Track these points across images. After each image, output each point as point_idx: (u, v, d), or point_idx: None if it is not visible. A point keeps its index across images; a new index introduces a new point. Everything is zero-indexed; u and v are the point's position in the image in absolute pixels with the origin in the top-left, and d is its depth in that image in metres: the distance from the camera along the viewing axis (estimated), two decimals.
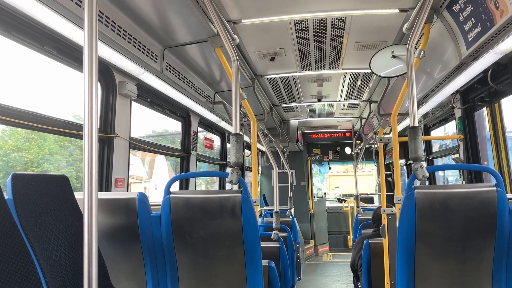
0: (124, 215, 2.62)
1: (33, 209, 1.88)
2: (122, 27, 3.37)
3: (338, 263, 10.58)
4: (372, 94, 7.28)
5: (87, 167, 1.43)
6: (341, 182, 18.25)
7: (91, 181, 1.43)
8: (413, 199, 2.41)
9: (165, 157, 10.97)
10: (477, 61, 3.66)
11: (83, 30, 1.48)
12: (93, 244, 1.41)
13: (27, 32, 2.95)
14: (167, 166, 12.75)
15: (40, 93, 3.82)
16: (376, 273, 4.38)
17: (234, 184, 2.69)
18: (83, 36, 1.48)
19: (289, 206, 7.74)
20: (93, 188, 1.42)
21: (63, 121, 3.39)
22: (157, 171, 12.97)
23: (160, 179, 12.44)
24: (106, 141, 3.93)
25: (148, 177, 12.80)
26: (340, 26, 4.23)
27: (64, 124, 3.40)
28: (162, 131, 9.52)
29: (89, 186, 1.42)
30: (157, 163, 12.98)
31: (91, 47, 1.48)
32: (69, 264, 1.97)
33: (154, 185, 12.75)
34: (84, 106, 1.45)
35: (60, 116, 3.38)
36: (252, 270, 2.61)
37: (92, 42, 1.48)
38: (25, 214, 1.81)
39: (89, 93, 1.46)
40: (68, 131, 3.45)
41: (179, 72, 4.61)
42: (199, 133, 6.44)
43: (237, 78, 2.93)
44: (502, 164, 4.56)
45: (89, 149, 1.43)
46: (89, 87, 1.46)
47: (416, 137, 2.52)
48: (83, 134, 1.44)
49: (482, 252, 2.42)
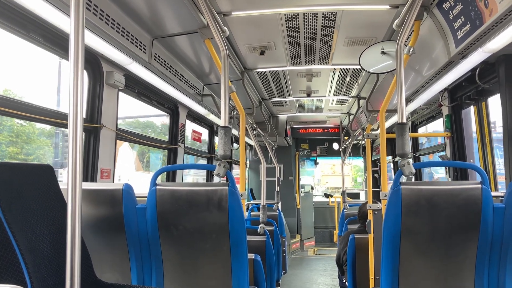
0: (109, 206, 2.60)
1: (16, 199, 1.85)
2: (110, 16, 3.32)
3: (323, 258, 10.66)
4: (360, 90, 7.31)
5: (72, 157, 1.41)
6: (329, 178, 18.64)
7: (75, 171, 1.41)
8: (399, 195, 2.42)
9: (131, 146, 10.62)
10: (465, 60, 3.68)
11: (70, 17, 1.45)
12: (76, 235, 1.39)
13: (13, 18, 2.89)
14: (134, 156, 12.32)
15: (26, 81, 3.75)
16: (361, 268, 4.42)
17: (221, 177, 2.68)
18: (70, 24, 1.45)
19: (276, 201, 7.76)
20: (77, 178, 1.40)
21: (48, 110, 3.34)
22: (120, 161, 12.15)
23: (124, 170, 11.73)
24: (92, 132, 3.89)
25: (112, 166, 12.07)
26: (331, 21, 4.22)
27: (49, 113, 3.35)
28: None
29: (73, 176, 1.40)
30: (121, 152, 12.01)
31: (78, 35, 1.45)
32: (52, 254, 1.94)
33: (117, 176, 12.21)
34: (69, 95, 1.42)
35: (46, 105, 3.33)
36: (237, 263, 2.61)
37: (79, 29, 1.45)
38: (8, 203, 1.77)
39: (75, 81, 1.43)
40: (54, 120, 3.41)
41: (167, 64, 4.56)
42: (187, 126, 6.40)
43: (226, 71, 2.91)
44: (487, 162, 4.62)
45: (73, 139, 1.41)
46: (75, 76, 1.43)
47: (404, 134, 2.53)
48: (68, 123, 1.41)
49: (466, 248, 2.45)
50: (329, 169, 18.86)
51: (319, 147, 13.54)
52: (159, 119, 6.61)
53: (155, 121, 7.01)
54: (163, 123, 6.43)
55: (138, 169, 12.46)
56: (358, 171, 18.07)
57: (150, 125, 7.15)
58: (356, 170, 18.53)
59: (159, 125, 7.01)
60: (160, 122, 6.74)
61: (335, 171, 18.65)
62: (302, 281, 8.06)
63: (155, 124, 7.18)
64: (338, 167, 17.70)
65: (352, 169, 18.24)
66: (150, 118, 6.85)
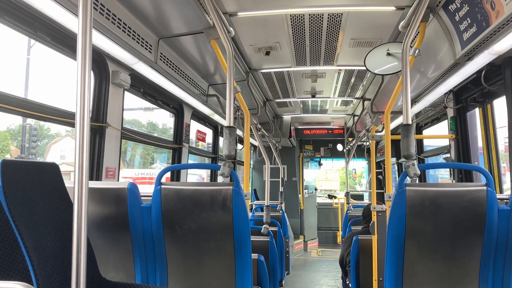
0: (114, 205, 2.61)
1: (22, 196, 1.86)
2: (117, 16, 3.34)
3: (326, 259, 10.64)
4: (365, 91, 7.30)
5: (78, 155, 1.42)
6: (323, 183, 19.27)
7: (82, 170, 1.41)
8: (403, 197, 2.42)
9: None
10: (471, 61, 3.67)
11: (77, 17, 1.46)
12: (82, 233, 1.40)
13: (20, 17, 2.91)
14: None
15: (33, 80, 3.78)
16: (365, 270, 4.41)
17: (226, 177, 2.69)
18: (77, 24, 1.46)
19: (280, 201, 7.76)
20: (84, 177, 1.41)
21: (54, 109, 3.36)
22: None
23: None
24: (98, 131, 3.90)
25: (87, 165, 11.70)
26: (336, 22, 4.22)
27: (56, 112, 3.36)
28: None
29: (80, 174, 1.41)
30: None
31: (85, 34, 1.46)
32: (57, 252, 1.95)
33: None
34: (76, 94, 1.43)
35: (52, 104, 3.35)
36: (241, 263, 2.62)
37: (86, 29, 1.46)
38: (14, 201, 1.79)
39: (82, 81, 1.44)
40: (60, 118, 3.42)
41: (173, 63, 4.58)
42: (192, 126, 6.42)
43: (231, 71, 2.91)
44: (492, 164, 4.60)
45: (80, 138, 1.42)
46: (82, 75, 1.44)
47: (409, 135, 2.53)
48: (75, 122, 1.42)
49: (470, 250, 2.44)
50: (323, 175, 19.60)
51: (323, 148, 13.52)
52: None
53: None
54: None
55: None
56: (352, 174, 18.26)
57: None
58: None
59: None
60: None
61: (328, 178, 19.88)
62: (305, 282, 8.05)
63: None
64: (330, 174, 19.52)
65: (341, 170, 18.78)
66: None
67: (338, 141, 12.90)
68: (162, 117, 5.74)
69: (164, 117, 5.69)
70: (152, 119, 9.22)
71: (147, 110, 7.27)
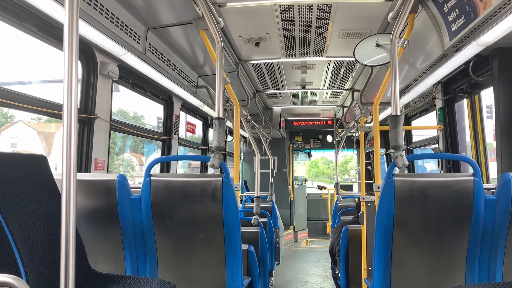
0: (104, 197, 2.60)
1: (10, 188, 1.85)
2: (104, 6, 3.30)
3: (316, 249, 10.72)
4: (355, 83, 7.32)
5: (66, 147, 1.41)
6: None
7: (70, 162, 1.41)
8: (392, 187, 2.44)
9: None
10: (459, 53, 3.70)
11: (64, 7, 1.44)
12: (70, 225, 1.40)
13: (6, 7, 2.86)
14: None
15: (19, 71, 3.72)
16: (354, 259, 4.46)
17: (216, 168, 2.69)
18: (64, 13, 1.44)
19: (270, 192, 7.78)
20: (72, 169, 1.40)
21: (42, 100, 3.32)
22: (58, 148, 10.81)
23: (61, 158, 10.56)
24: (86, 122, 3.87)
25: (45, 154, 11.33)
26: (326, 13, 4.21)
27: (43, 103, 3.33)
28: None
29: (68, 166, 1.40)
30: (58, 137, 10.52)
31: (72, 24, 1.44)
32: (46, 245, 1.94)
33: (54, 165, 11.29)
34: (63, 85, 1.42)
35: (39, 95, 3.31)
36: (231, 254, 2.63)
37: (73, 19, 1.44)
38: (2, 193, 1.77)
39: (69, 72, 1.43)
40: (47, 110, 3.39)
41: (162, 54, 4.54)
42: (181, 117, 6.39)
43: (221, 62, 2.90)
44: (479, 155, 4.66)
45: (67, 129, 1.41)
46: (69, 66, 1.43)
47: (397, 126, 2.55)
48: (62, 114, 1.41)
49: (457, 239, 2.48)
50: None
51: (313, 139, 13.57)
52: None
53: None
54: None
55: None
56: (326, 163, 18.16)
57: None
58: (323, 163, 18.69)
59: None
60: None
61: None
62: (295, 272, 8.11)
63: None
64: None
65: (310, 163, 18.61)
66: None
67: (328, 132, 12.96)
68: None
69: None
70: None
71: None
